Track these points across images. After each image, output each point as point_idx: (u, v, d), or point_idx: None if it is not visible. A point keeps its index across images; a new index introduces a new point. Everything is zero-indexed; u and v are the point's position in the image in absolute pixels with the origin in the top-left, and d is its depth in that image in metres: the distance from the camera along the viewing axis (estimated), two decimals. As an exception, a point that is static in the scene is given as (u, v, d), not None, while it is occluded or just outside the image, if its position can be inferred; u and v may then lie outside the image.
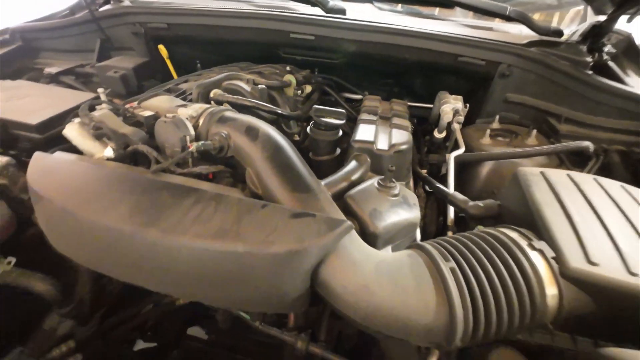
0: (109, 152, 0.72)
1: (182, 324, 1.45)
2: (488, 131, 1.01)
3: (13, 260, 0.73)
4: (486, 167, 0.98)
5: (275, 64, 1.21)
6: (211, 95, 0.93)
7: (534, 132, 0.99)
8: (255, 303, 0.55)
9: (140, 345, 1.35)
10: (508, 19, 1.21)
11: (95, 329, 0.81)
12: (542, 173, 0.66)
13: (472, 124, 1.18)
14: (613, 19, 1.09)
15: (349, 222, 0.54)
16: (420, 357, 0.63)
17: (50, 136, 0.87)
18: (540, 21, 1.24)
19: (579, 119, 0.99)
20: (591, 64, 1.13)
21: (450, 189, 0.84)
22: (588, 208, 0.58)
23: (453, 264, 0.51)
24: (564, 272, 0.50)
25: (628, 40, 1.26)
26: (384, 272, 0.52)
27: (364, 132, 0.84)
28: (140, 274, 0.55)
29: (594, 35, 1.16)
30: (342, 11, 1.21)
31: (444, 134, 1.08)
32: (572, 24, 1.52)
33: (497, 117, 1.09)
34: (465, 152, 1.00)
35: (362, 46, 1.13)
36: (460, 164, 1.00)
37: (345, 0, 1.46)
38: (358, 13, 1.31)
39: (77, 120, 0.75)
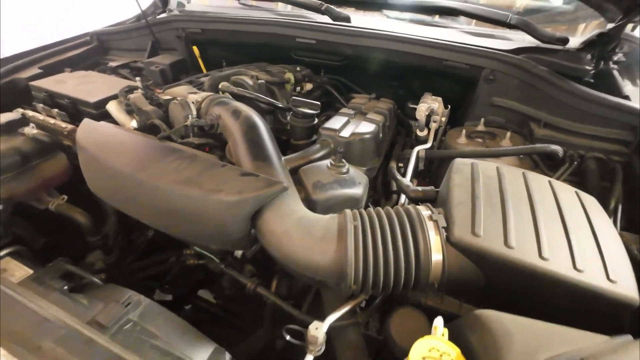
0: (134, 123, 0.96)
1: (194, 284, 1.69)
2: (464, 131, 1.07)
3: (65, 197, 1.01)
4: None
5: (287, 65, 1.40)
6: (219, 86, 1.14)
7: (508, 134, 1.02)
8: (208, 238, 0.72)
9: (158, 296, 1.61)
10: (510, 26, 1.24)
11: (116, 258, 1.06)
12: (472, 164, 0.73)
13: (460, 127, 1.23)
14: (620, 26, 1.07)
15: (283, 185, 0.68)
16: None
17: (103, 112, 1.15)
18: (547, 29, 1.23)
19: (557, 124, 1.00)
20: (592, 71, 1.11)
21: (407, 177, 0.93)
22: (497, 195, 0.64)
23: (358, 223, 0.62)
24: (449, 240, 0.59)
25: (643, 48, 1.20)
26: (303, 224, 0.65)
27: (334, 122, 0.97)
28: (134, 206, 0.76)
29: (603, 43, 1.13)
30: (347, 19, 1.35)
31: (425, 132, 1.15)
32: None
33: (482, 120, 1.13)
34: (440, 149, 1.07)
35: (356, 50, 1.26)
36: (441, 160, 1.08)
37: (359, 9, 1.60)
38: (365, 21, 1.44)
39: (116, 100, 1.01)
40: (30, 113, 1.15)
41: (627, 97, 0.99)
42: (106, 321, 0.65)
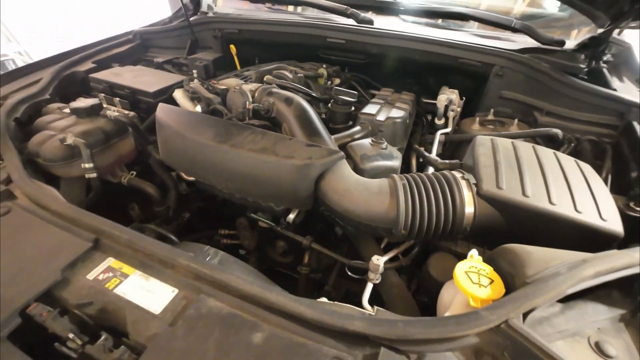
0: (199, 108, 1.11)
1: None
2: (478, 119, 1.24)
3: (135, 173, 1.16)
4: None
5: (315, 62, 1.56)
6: (264, 79, 1.30)
7: (515, 121, 1.19)
8: (279, 197, 0.88)
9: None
10: (514, 30, 1.42)
11: (175, 228, 1.21)
12: (492, 139, 0.90)
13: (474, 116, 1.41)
14: (608, 31, 1.26)
15: (342, 153, 0.85)
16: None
17: (159, 100, 1.30)
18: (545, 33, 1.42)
19: (558, 112, 1.18)
20: (585, 69, 1.30)
21: (432, 154, 1.10)
22: (514, 160, 0.81)
23: (405, 182, 0.79)
24: (479, 192, 0.75)
25: (628, 51, 1.39)
26: (359, 183, 0.82)
27: (370, 108, 1.14)
28: (214, 173, 0.91)
29: (594, 45, 1.32)
30: (370, 22, 1.53)
31: (442, 121, 1.33)
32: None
33: (492, 110, 1.31)
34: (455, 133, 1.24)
35: (382, 49, 1.43)
36: (457, 143, 1.25)
37: (378, 14, 1.77)
38: (385, 23, 1.62)
39: (181, 88, 1.17)
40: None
41: (615, 90, 1.17)
42: (199, 263, 0.80)
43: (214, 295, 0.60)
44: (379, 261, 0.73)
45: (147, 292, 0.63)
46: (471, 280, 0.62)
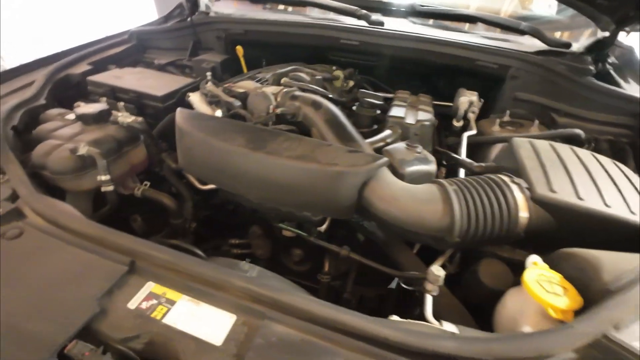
0: (219, 113, 1.04)
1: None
2: (498, 121, 1.25)
3: (149, 183, 1.07)
4: (497, 148, 1.20)
5: (325, 65, 1.52)
6: (282, 81, 1.24)
7: (536, 122, 1.21)
8: (318, 207, 0.83)
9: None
10: (522, 32, 1.45)
11: (191, 241, 1.13)
12: (530, 141, 0.90)
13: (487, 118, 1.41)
14: (613, 35, 1.30)
15: (386, 158, 0.81)
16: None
17: (168, 105, 1.21)
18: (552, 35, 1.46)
19: (575, 113, 1.20)
20: (594, 71, 1.33)
21: (462, 157, 1.08)
22: (558, 162, 0.81)
23: (456, 187, 0.76)
24: (532, 197, 0.74)
25: (630, 53, 1.45)
26: (407, 190, 0.78)
27: (397, 110, 1.11)
28: (244, 182, 0.85)
29: (599, 48, 1.37)
30: (381, 23, 1.51)
31: (461, 123, 1.32)
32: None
33: (508, 112, 1.32)
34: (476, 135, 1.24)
35: (397, 51, 1.41)
36: (475, 146, 1.25)
37: (385, 15, 1.76)
38: (394, 25, 1.60)
39: (197, 92, 1.09)
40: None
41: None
42: (239, 280, 0.74)
43: (279, 320, 0.54)
44: (439, 272, 0.70)
45: (199, 320, 0.56)
46: (545, 289, 0.60)
